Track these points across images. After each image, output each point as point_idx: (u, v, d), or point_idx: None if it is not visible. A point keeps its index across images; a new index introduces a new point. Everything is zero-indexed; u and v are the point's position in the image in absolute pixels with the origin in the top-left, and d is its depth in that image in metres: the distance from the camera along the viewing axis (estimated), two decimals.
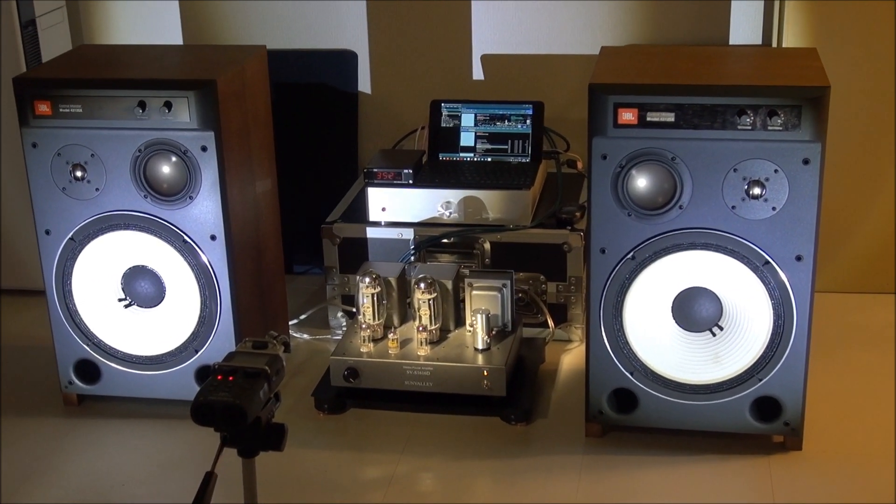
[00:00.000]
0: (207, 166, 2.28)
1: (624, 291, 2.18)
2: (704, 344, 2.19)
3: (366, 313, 2.42)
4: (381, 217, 2.72)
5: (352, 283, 2.75)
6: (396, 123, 3.09)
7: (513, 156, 2.79)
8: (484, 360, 2.34)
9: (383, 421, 2.39)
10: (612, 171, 2.12)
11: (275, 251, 2.62)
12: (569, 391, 2.48)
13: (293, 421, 2.31)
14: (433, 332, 2.41)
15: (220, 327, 2.36)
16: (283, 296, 2.68)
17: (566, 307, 2.68)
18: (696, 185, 2.10)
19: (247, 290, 2.43)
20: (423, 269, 2.50)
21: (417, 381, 2.35)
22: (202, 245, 2.32)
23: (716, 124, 2.06)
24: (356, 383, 2.37)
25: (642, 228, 2.14)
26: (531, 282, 2.68)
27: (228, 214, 2.32)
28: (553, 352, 2.64)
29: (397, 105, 3.11)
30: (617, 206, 2.13)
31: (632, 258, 2.16)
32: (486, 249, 2.68)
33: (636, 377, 2.21)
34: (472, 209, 2.67)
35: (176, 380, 2.40)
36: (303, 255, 3.17)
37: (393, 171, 2.69)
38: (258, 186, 2.50)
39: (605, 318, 2.20)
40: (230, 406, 1.55)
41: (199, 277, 2.34)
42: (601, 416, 2.25)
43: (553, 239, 2.64)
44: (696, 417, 2.21)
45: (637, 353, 2.21)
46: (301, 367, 2.63)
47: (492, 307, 2.40)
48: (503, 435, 2.32)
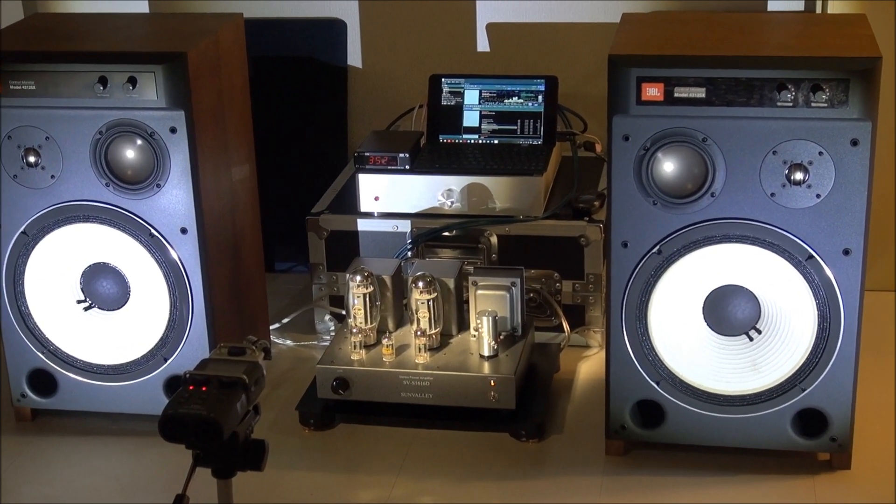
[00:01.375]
0: (177, 150, 2.28)
1: (649, 290, 2.18)
2: (740, 350, 2.19)
3: (357, 316, 2.42)
4: (373, 207, 2.72)
5: (341, 282, 2.75)
6: (391, 101, 3.09)
7: (523, 137, 2.79)
8: (491, 368, 2.35)
9: (377, 438, 2.39)
10: (636, 155, 2.12)
11: (254, 246, 2.62)
12: (587, 404, 2.48)
13: (275, 438, 2.31)
14: (433, 337, 2.41)
15: (191, 332, 2.36)
16: (262, 297, 2.68)
17: (584, 309, 2.68)
18: (731, 170, 2.10)
19: (222, 290, 2.44)
20: (422, 265, 2.50)
21: (415, 392, 2.35)
22: (171, 239, 2.33)
23: (752, 101, 2.06)
24: (346, 395, 2.38)
25: (669, 219, 2.14)
26: (544, 280, 2.69)
27: (201, 205, 2.32)
28: (569, 359, 2.65)
29: (392, 81, 3.11)
30: (641, 194, 2.13)
31: (658, 253, 2.16)
32: (492, 244, 2.68)
33: (663, 387, 2.21)
34: (476, 198, 2.67)
35: (142, 392, 2.40)
36: (285, 250, 3.17)
37: (387, 155, 2.69)
38: (235, 173, 2.50)
39: (627, 320, 2.20)
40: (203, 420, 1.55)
41: (168, 276, 2.34)
42: (623, 431, 2.25)
43: (568, 231, 2.64)
44: (731, 433, 2.21)
45: (664, 361, 2.21)
46: (284, 377, 2.63)
47: (499, 309, 2.41)
48: (512, 453, 2.32)
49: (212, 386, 1.61)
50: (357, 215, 2.72)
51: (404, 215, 2.70)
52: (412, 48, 3.07)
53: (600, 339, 2.70)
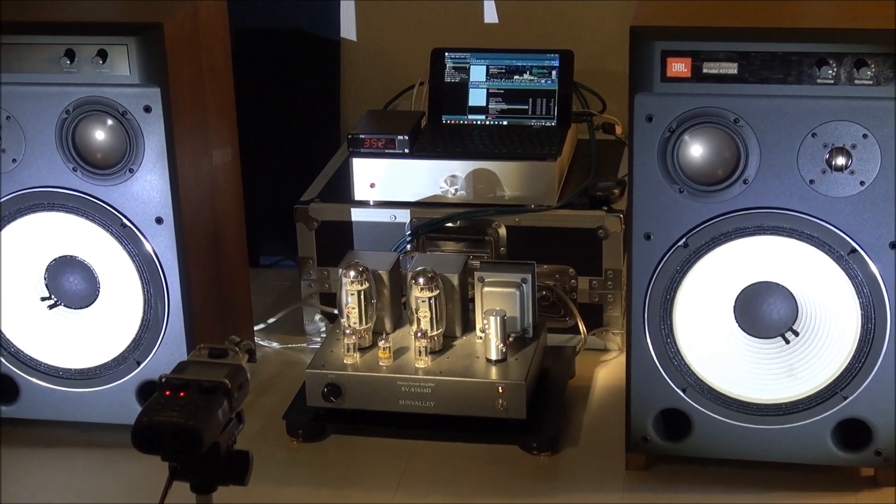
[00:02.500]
0: (152, 131, 2.29)
1: (674, 288, 2.18)
2: (775, 353, 2.19)
3: (350, 316, 2.43)
4: (369, 195, 2.72)
5: (333, 277, 2.75)
6: (389, 78, 3.09)
7: (535, 118, 2.79)
8: (498, 373, 2.35)
9: (372, 450, 2.40)
10: (660, 137, 2.12)
11: (236, 238, 2.63)
12: (605, 413, 2.48)
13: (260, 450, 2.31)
14: (435, 339, 2.42)
15: (168, 333, 2.37)
16: (246, 294, 2.69)
17: (601, 308, 2.69)
18: (765, 155, 2.10)
19: (201, 286, 2.44)
20: (423, 260, 2.50)
21: (415, 400, 2.36)
22: (145, 230, 2.33)
23: (789, 78, 2.06)
24: (338, 403, 2.38)
25: (697, 208, 2.14)
26: (558, 276, 2.69)
27: (178, 192, 2.32)
28: (585, 364, 2.65)
29: (390, 55, 3.11)
30: (665, 181, 2.14)
31: (684, 246, 2.16)
32: (501, 236, 2.68)
33: (690, 395, 2.22)
34: (483, 185, 2.67)
35: (113, 399, 2.41)
36: (271, 243, 3.18)
37: (384, 137, 2.70)
38: (215, 157, 2.50)
39: (650, 321, 2.20)
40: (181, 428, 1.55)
41: (141, 270, 2.35)
42: (646, 443, 2.26)
43: (585, 222, 2.64)
44: (765, 445, 2.22)
45: (691, 366, 2.21)
46: (270, 383, 2.64)
47: (508, 308, 2.41)
48: (523, 468, 2.33)
49: (190, 391, 1.61)
50: (351, 204, 2.72)
51: (403, 204, 2.70)
52: (412, 19, 3.07)
53: (620, 341, 2.70)
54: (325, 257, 2.75)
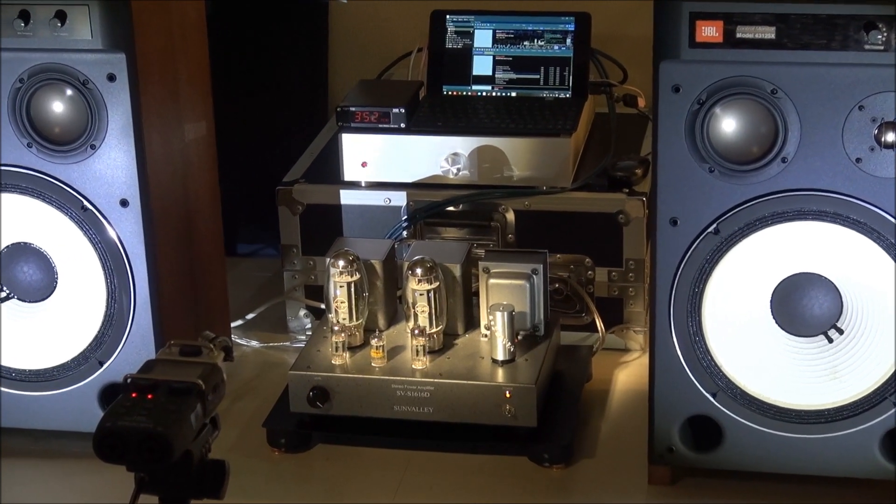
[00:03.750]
0: (116, 103, 2.29)
1: (703, 280, 2.18)
2: (817, 354, 2.20)
3: (339, 311, 2.43)
4: (360, 175, 2.73)
5: (319, 268, 2.76)
6: (383, 44, 3.09)
7: (547, 89, 2.80)
8: (506, 376, 2.36)
9: (364, 462, 2.40)
10: (688, 110, 2.12)
11: (211, 223, 2.63)
12: (625, 421, 2.49)
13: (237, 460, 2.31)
14: (434, 337, 2.42)
15: (134, 329, 2.37)
16: (222, 286, 2.69)
17: (622, 303, 2.69)
18: (806, 130, 2.10)
19: (172, 277, 2.45)
20: (421, 248, 2.51)
21: (412, 405, 2.36)
22: (109, 214, 2.33)
23: (834, 43, 2.06)
24: (325, 409, 2.39)
25: (730, 191, 2.15)
26: (573, 267, 2.69)
27: (146, 171, 2.33)
28: (603, 365, 2.66)
29: (384, 18, 3.11)
30: (694, 160, 2.14)
31: (715, 232, 2.16)
32: (508, 221, 2.69)
33: (721, 400, 2.22)
34: (489, 164, 2.67)
35: (73, 404, 2.41)
36: (251, 229, 3.18)
37: (378, 110, 2.70)
38: (188, 132, 2.51)
39: (676, 317, 2.20)
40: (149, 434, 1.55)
41: (104, 259, 2.35)
42: (671, 455, 2.26)
43: (604, 206, 2.65)
44: (805, 457, 2.22)
45: (722, 367, 2.22)
46: (248, 386, 2.64)
47: (517, 302, 2.42)
48: (533, 482, 2.33)
49: (159, 393, 1.61)
50: (340, 185, 2.73)
51: (399, 185, 2.70)
52: None
53: (642, 340, 2.71)
54: (310, 245, 2.75)
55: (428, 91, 2.83)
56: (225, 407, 2.40)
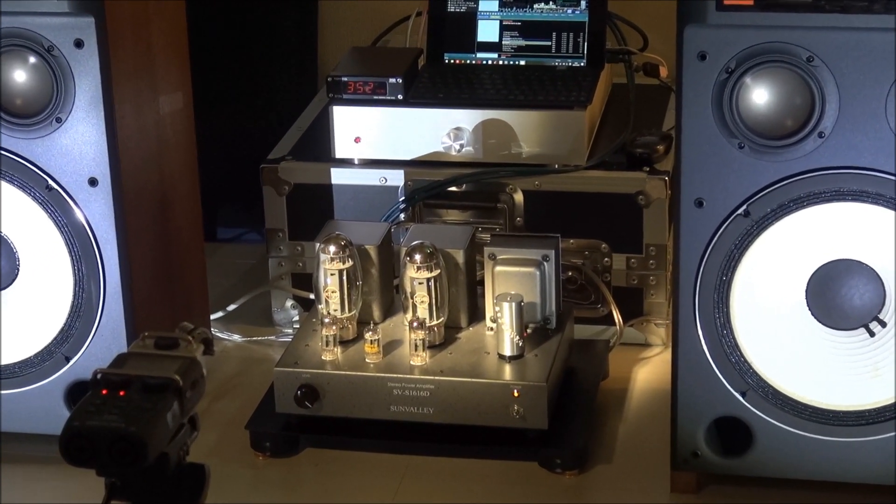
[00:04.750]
0: (84, 72, 2.29)
1: (732, 267, 2.18)
2: (857, 348, 2.20)
3: (330, 301, 2.44)
4: (353, 152, 2.73)
5: (308, 254, 2.76)
6: (378, 7, 3.08)
7: (559, 57, 2.80)
8: (514, 373, 2.36)
9: (357, 468, 2.41)
10: (715, 80, 2.12)
11: (189, 205, 2.63)
12: (645, 422, 2.49)
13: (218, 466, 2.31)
14: (434, 330, 2.42)
15: (104, 320, 2.37)
16: (201, 274, 2.70)
17: (641, 293, 2.69)
18: (845, 101, 2.10)
19: (145, 263, 2.45)
20: (420, 232, 2.51)
21: (410, 405, 2.37)
22: (76, 194, 2.34)
23: (876, 5, 2.06)
24: (315, 409, 2.39)
25: (761, 168, 2.15)
26: (587, 253, 2.69)
27: (117, 147, 2.33)
28: (621, 362, 2.66)
29: None
30: (722, 135, 2.14)
31: (744, 215, 2.16)
32: (517, 203, 2.69)
33: (751, 400, 2.22)
34: (495, 140, 2.67)
35: (37, 403, 2.41)
36: (232, 211, 3.18)
37: (372, 80, 2.70)
38: (163, 104, 2.51)
39: (702, 308, 2.21)
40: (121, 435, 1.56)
41: (71, 244, 2.35)
42: (696, 460, 2.26)
43: (622, 186, 2.65)
44: (843, 462, 2.22)
45: (752, 364, 2.22)
46: (230, 384, 2.65)
47: (526, 292, 2.42)
48: (543, 489, 2.34)
49: (133, 390, 1.61)
50: (331, 163, 2.73)
51: (396, 163, 2.70)
52: None
53: (664, 334, 2.71)
54: (298, 229, 2.75)
55: (428, 59, 2.83)
56: (204, 407, 2.40)
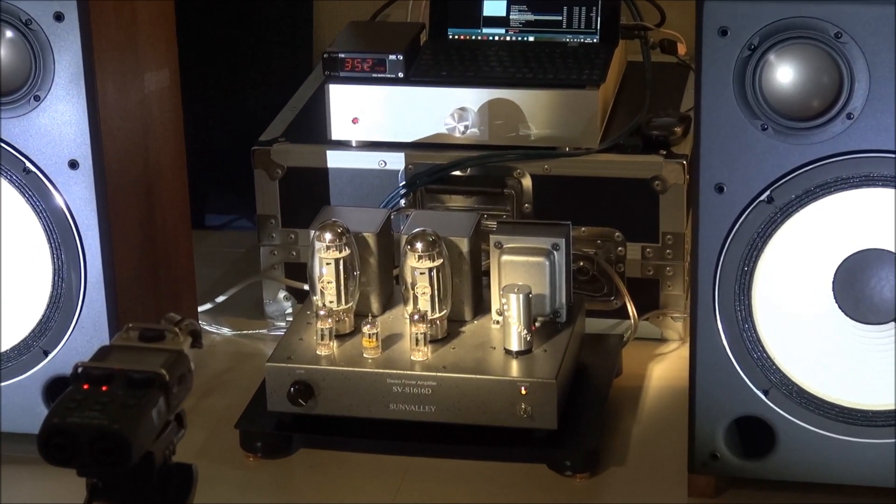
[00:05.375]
0: (64, 47, 2.29)
1: (754, 257, 2.18)
2: (887, 343, 2.20)
3: (325, 292, 2.44)
4: (351, 134, 2.73)
5: (302, 242, 2.76)
6: None
7: (571, 33, 2.79)
8: (521, 369, 2.36)
9: (354, 469, 2.41)
10: (737, 58, 2.12)
11: (176, 189, 2.64)
12: (661, 422, 2.50)
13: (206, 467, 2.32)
14: (437, 323, 2.43)
15: (84, 311, 2.37)
16: (188, 263, 2.70)
17: (658, 284, 2.70)
18: (876, 80, 2.10)
19: (129, 251, 2.45)
20: (422, 219, 2.51)
21: (411, 403, 2.37)
22: (56, 177, 2.34)
23: None
24: (309, 407, 2.39)
25: (785, 152, 2.15)
26: (600, 242, 2.70)
27: (99, 127, 2.33)
28: (636, 357, 2.66)
29: None
30: (745, 115, 2.14)
31: (768, 201, 2.16)
32: (525, 188, 2.69)
33: (774, 398, 2.23)
34: (502, 121, 2.67)
35: (13, 399, 2.41)
36: (222, 196, 3.18)
37: (371, 57, 2.70)
38: (149, 81, 2.51)
39: (722, 301, 2.21)
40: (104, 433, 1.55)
41: (50, 230, 2.35)
42: (715, 462, 2.27)
43: (637, 171, 2.65)
44: (873, 466, 2.22)
45: (775, 360, 2.22)
46: (219, 380, 2.65)
47: (535, 283, 2.42)
48: (552, 493, 2.34)
49: (116, 384, 1.61)
50: (327, 145, 2.73)
51: (396, 145, 2.71)
52: None
53: (682, 328, 2.71)
54: (292, 215, 2.75)
55: (430, 35, 2.83)
56: (191, 404, 2.41)
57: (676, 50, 2.87)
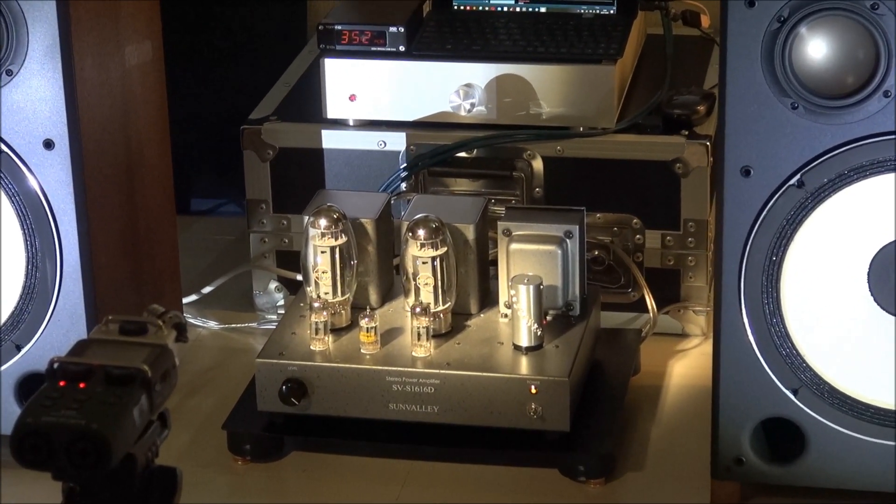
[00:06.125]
0: (39, 18, 2.29)
1: (783, 246, 2.18)
2: None
3: (320, 283, 2.44)
4: (348, 112, 2.73)
5: (295, 229, 2.76)
6: None
7: (585, 3, 2.79)
8: (531, 366, 2.37)
9: (351, 474, 2.41)
10: (766, 31, 2.12)
11: (159, 171, 2.64)
12: (682, 424, 2.50)
13: (191, 471, 2.33)
14: (440, 317, 2.43)
15: (61, 304, 2.38)
16: (172, 251, 2.70)
17: (679, 275, 2.70)
18: None
19: (109, 237, 2.45)
20: (424, 204, 2.51)
21: (412, 402, 2.37)
22: (29, 158, 2.34)
23: None
24: (302, 407, 2.39)
25: (817, 133, 2.14)
26: (617, 229, 2.70)
27: (76, 104, 2.33)
28: (655, 354, 2.67)
29: None
30: (773, 93, 2.14)
31: (798, 186, 2.16)
32: (535, 171, 2.69)
33: (803, 398, 2.23)
34: (511, 98, 2.68)
35: None
36: (208, 179, 3.18)
37: (370, 29, 2.70)
38: (130, 55, 2.51)
39: (748, 293, 2.21)
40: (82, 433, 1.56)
41: (23, 215, 2.36)
42: (740, 467, 2.27)
43: (657, 153, 2.65)
44: None
45: (805, 357, 2.22)
46: (205, 378, 2.65)
47: (546, 274, 2.42)
48: (565, 500, 2.34)
49: (94, 381, 1.61)
50: (322, 124, 2.73)
51: (397, 125, 2.71)
52: None
53: (704, 323, 2.71)
54: (284, 200, 2.76)
55: (434, 5, 2.83)
56: (176, 403, 2.42)
57: (700, 22, 2.87)
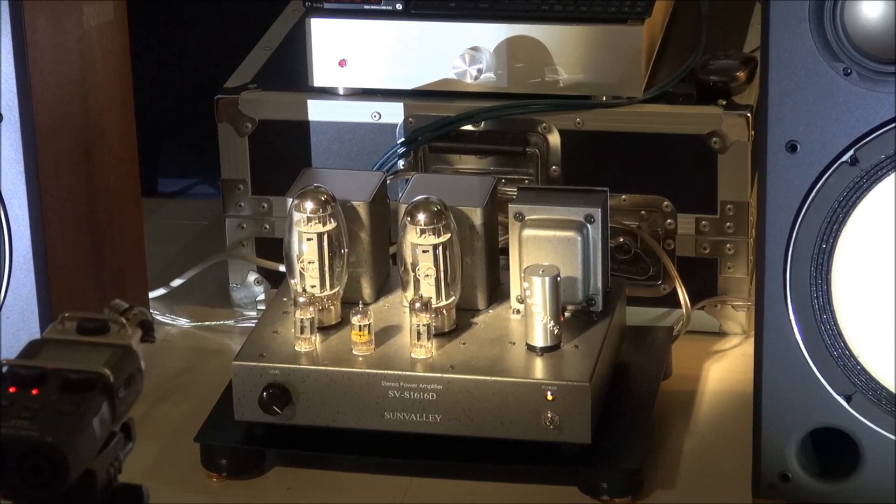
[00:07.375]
0: None
1: (834, 232, 2.19)
2: None
3: (306, 274, 2.45)
4: (337, 80, 2.73)
5: (278, 213, 2.76)
6: None
7: None
8: (547, 369, 2.37)
9: (342, 492, 2.42)
10: None
11: (122, 148, 2.64)
12: (719, 436, 2.51)
13: (160, 489, 2.34)
14: (443, 313, 2.43)
15: (10, 298, 2.38)
16: (137, 238, 2.71)
17: (716, 265, 2.70)
18: None
19: (65, 224, 2.46)
20: (424, 184, 2.52)
21: (411, 411, 2.38)
22: None
23: None
24: (286, 416, 2.40)
25: (873, 103, 2.15)
26: (644, 213, 2.70)
27: (27, 71, 2.34)
28: (688, 355, 2.67)
29: None
30: (823, 57, 2.14)
31: (851, 163, 2.17)
32: (552, 146, 2.69)
33: (857, 406, 2.23)
34: (523, 64, 2.68)
35: None
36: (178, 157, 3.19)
37: None
38: (89, 16, 2.51)
39: (795, 286, 2.21)
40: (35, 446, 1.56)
41: None
42: (785, 484, 2.27)
43: (690, 125, 2.66)
44: None
45: (859, 358, 2.22)
46: (175, 382, 2.66)
47: (564, 264, 2.43)
48: None
49: (49, 387, 1.62)
50: (307, 93, 2.74)
51: (393, 93, 2.72)
52: None
53: (744, 319, 2.72)
54: (264, 180, 2.76)
55: None
56: (142, 411, 2.42)
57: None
